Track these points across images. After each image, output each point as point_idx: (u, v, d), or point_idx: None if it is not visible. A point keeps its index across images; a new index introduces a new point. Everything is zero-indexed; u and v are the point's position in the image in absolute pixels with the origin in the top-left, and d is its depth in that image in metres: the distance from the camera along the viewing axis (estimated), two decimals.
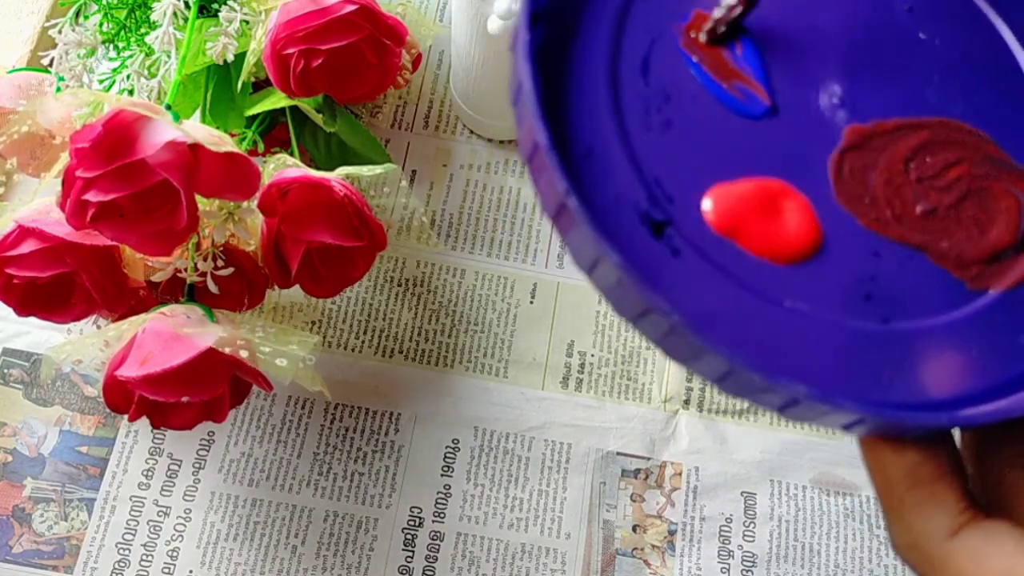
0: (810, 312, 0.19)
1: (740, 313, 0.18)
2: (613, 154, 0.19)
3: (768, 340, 0.18)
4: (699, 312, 0.18)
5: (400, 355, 0.42)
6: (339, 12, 0.33)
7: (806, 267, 0.19)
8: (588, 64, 0.19)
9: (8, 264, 0.31)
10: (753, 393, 0.18)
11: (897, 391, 0.19)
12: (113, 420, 0.40)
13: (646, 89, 0.20)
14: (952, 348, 0.19)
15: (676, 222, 0.19)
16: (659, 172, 0.19)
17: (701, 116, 0.20)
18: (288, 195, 0.33)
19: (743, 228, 0.19)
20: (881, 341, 0.19)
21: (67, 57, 0.34)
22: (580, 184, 0.18)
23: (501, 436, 0.41)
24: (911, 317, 0.19)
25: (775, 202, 0.19)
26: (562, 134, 0.18)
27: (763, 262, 0.19)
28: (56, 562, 0.37)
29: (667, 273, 0.18)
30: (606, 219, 0.18)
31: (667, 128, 0.19)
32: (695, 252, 0.18)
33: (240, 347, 0.30)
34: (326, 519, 0.39)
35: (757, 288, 0.19)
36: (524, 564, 0.39)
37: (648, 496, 0.40)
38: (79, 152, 0.27)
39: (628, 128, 0.19)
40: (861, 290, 0.19)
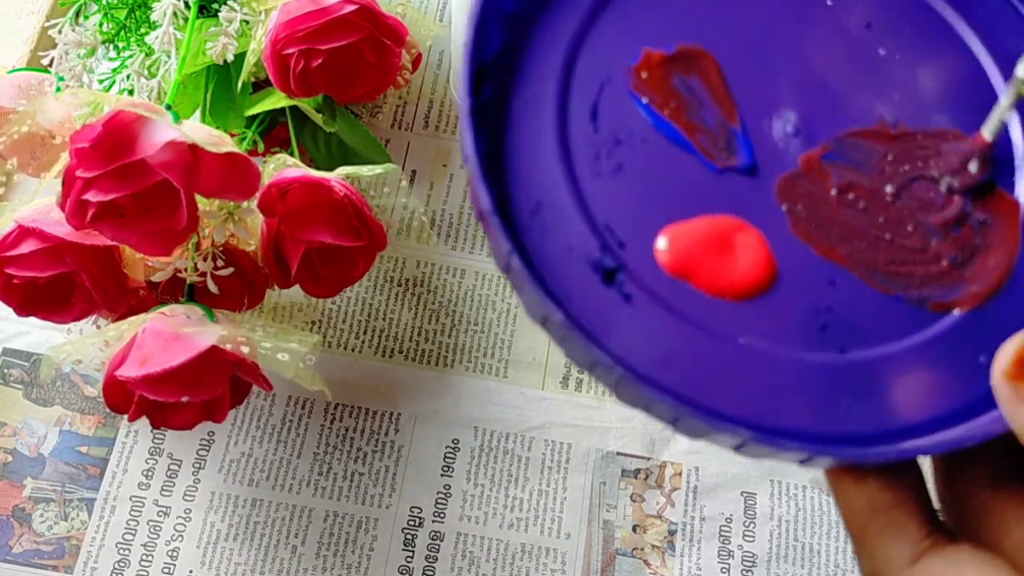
0: (765, 347, 0.19)
1: (693, 354, 0.18)
2: (563, 205, 0.19)
3: (722, 380, 0.18)
4: (650, 357, 0.18)
5: (400, 355, 0.42)
6: (339, 12, 0.33)
7: (761, 302, 0.19)
8: (537, 115, 0.19)
9: (8, 264, 0.31)
10: (705, 435, 0.18)
11: (855, 421, 0.18)
12: (113, 420, 0.40)
13: (595, 136, 0.20)
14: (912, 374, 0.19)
15: (628, 267, 0.19)
16: (610, 217, 0.19)
17: (652, 157, 0.20)
18: (288, 195, 0.33)
19: (696, 267, 0.19)
20: (838, 372, 0.19)
21: (67, 57, 0.34)
22: (529, 239, 0.18)
23: (501, 436, 0.41)
24: (869, 345, 0.19)
25: (728, 238, 0.19)
26: (510, 190, 0.19)
27: (717, 300, 0.19)
28: (56, 562, 0.37)
29: (618, 320, 0.18)
30: (557, 271, 0.18)
31: (618, 172, 0.19)
32: (647, 296, 0.19)
33: (240, 343, 0.30)
34: (326, 519, 0.39)
35: (711, 327, 0.19)
36: (524, 564, 0.39)
37: (648, 496, 0.40)
38: (79, 152, 0.27)
39: (578, 176, 0.19)
40: (817, 321, 0.19)
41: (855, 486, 0.19)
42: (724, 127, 0.20)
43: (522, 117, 0.19)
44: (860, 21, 0.22)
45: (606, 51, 0.20)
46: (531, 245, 0.18)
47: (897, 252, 0.20)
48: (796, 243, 0.20)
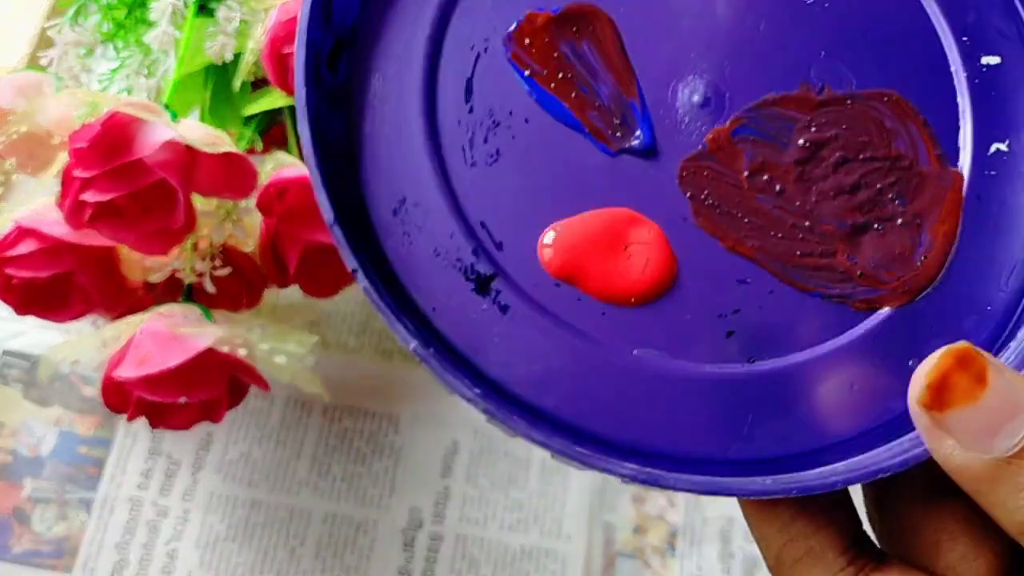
0: (662, 361, 0.16)
1: (579, 372, 0.16)
2: (431, 201, 0.16)
3: (614, 400, 0.16)
4: (530, 375, 0.16)
5: (400, 356, 0.42)
6: None
7: (658, 307, 0.17)
8: (402, 95, 0.17)
9: (7, 264, 0.31)
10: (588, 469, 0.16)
11: (765, 442, 0.16)
12: (112, 420, 0.40)
13: (470, 116, 0.17)
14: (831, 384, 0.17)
15: (506, 272, 0.16)
16: (486, 214, 0.16)
17: (536, 140, 0.17)
18: (286, 195, 0.33)
19: (584, 269, 0.16)
20: (745, 385, 0.17)
21: (66, 57, 0.34)
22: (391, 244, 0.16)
23: (501, 437, 0.41)
24: (782, 352, 0.17)
25: (621, 235, 0.17)
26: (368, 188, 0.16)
27: (608, 307, 0.16)
28: (55, 562, 0.37)
29: (493, 334, 0.16)
30: (423, 280, 0.16)
31: (496, 160, 0.17)
32: (527, 305, 0.16)
33: (238, 346, 0.30)
34: (325, 520, 0.39)
35: (600, 339, 0.16)
36: (524, 566, 0.39)
37: (649, 498, 0.40)
38: (77, 152, 0.27)
39: (448, 167, 0.17)
40: (722, 326, 0.17)
41: (766, 513, 0.18)
42: (619, 101, 0.17)
43: (384, 97, 0.17)
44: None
45: (482, 14, 0.17)
46: (393, 251, 0.16)
47: (816, 243, 0.17)
48: (700, 236, 0.17)
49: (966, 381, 0.14)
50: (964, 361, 0.15)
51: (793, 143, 0.18)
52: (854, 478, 0.16)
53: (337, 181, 0.15)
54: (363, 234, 0.15)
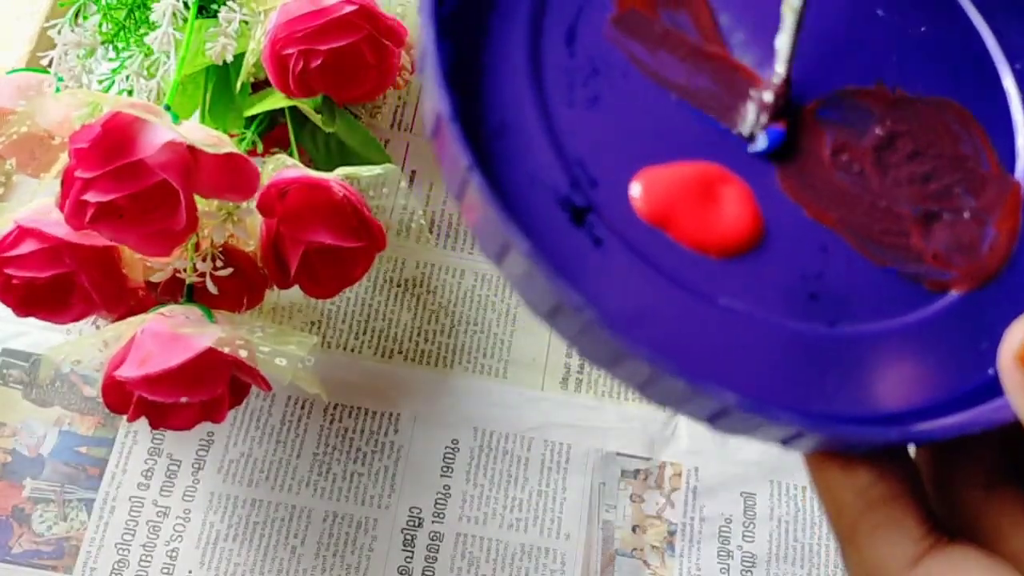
0: (747, 312, 0.17)
1: (668, 311, 0.16)
2: (531, 131, 0.17)
3: (698, 342, 0.16)
4: (620, 310, 0.16)
5: (400, 355, 0.42)
6: (338, 12, 0.33)
7: (745, 261, 0.17)
8: (507, 30, 0.17)
9: (7, 264, 0.31)
10: (679, 402, 0.16)
11: (843, 402, 0.17)
12: (112, 420, 0.40)
13: (571, 61, 0.17)
14: (906, 355, 0.17)
15: (599, 209, 0.16)
16: (583, 152, 0.17)
17: (633, 92, 0.17)
18: (287, 196, 0.33)
19: (675, 217, 0.17)
20: (827, 346, 0.17)
21: (66, 58, 0.34)
22: (489, 162, 0.16)
23: (501, 436, 0.41)
24: (861, 320, 0.17)
25: (712, 189, 0.17)
26: (471, 107, 0.16)
27: (697, 255, 0.17)
28: (55, 562, 0.37)
29: (586, 265, 0.16)
30: (518, 202, 0.16)
31: (593, 105, 0.17)
32: (620, 242, 0.16)
33: (239, 347, 0.30)
34: (325, 519, 0.39)
35: (688, 284, 0.16)
36: (523, 564, 0.39)
37: (648, 497, 0.40)
38: (78, 152, 0.27)
39: (549, 103, 0.17)
40: (806, 288, 0.17)
41: (844, 475, 0.17)
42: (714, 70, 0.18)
43: (490, 30, 0.17)
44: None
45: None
46: (491, 169, 0.16)
47: (892, 222, 0.18)
48: (786, 202, 0.18)
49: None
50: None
51: (871, 131, 0.19)
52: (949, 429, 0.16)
53: None
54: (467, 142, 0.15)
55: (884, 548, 0.17)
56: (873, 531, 0.17)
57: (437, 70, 0.15)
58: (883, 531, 0.17)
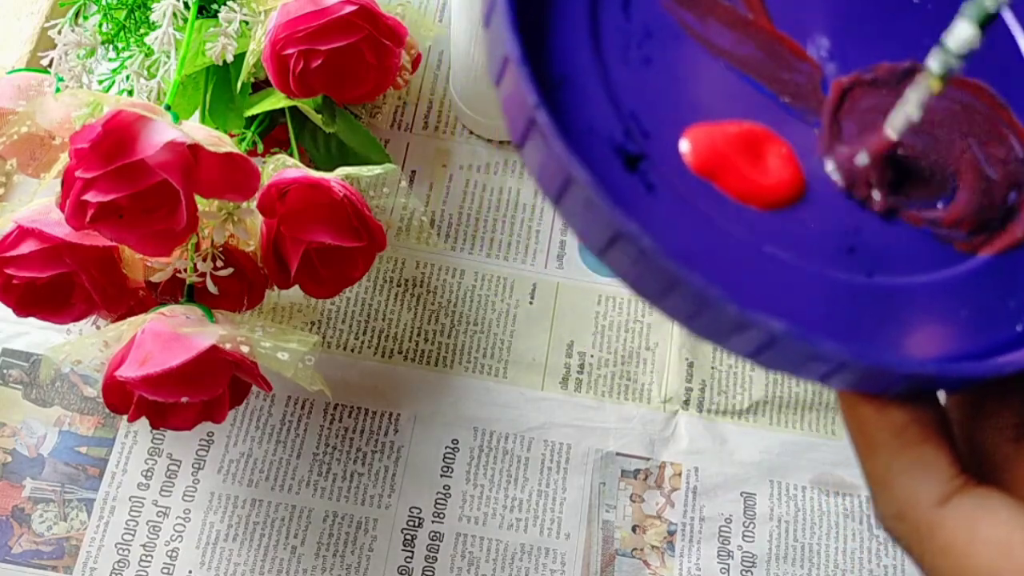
0: (790, 259, 0.18)
1: (715, 254, 0.17)
2: (589, 84, 0.18)
3: (744, 282, 0.17)
4: (671, 248, 0.17)
5: (400, 355, 0.42)
6: (339, 12, 0.33)
7: (788, 214, 0.18)
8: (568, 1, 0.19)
9: (8, 264, 0.31)
10: (727, 333, 0.16)
11: (880, 345, 0.17)
12: (112, 420, 0.40)
13: (627, 24, 0.19)
14: (938, 309, 0.18)
15: (652, 157, 0.18)
16: (636, 106, 0.18)
17: (683, 55, 0.19)
18: (287, 195, 0.33)
19: (722, 170, 0.18)
20: (864, 294, 0.18)
21: (67, 58, 0.34)
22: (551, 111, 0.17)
23: (501, 436, 0.41)
24: (896, 273, 0.18)
25: (757, 147, 0.18)
26: (534, 57, 0.17)
27: (742, 206, 0.18)
28: (55, 562, 0.37)
29: (640, 207, 0.17)
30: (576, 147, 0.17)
31: (647, 64, 0.19)
32: (670, 189, 0.17)
33: (240, 343, 0.30)
34: (325, 519, 0.39)
35: (734, 231, 0.18)
36: (523, 564, 0.39)
37: (648, 496, 0.40)
38: (78, 152, 0.27)
39: (606, 60, 0.18)
40: (844, 242, 0.18)
41: (877, 415, 0.18)
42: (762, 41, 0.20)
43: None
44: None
45: None
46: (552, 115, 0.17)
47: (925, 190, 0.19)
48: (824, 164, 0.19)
49: None
50: None
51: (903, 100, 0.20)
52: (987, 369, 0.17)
53: None
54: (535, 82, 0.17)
55: (915, 486, 0.17)
56: (905, 470, 0.17)
57: (507, 16, 0.16)
58: (914, 471, 0.17)
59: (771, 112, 0.19)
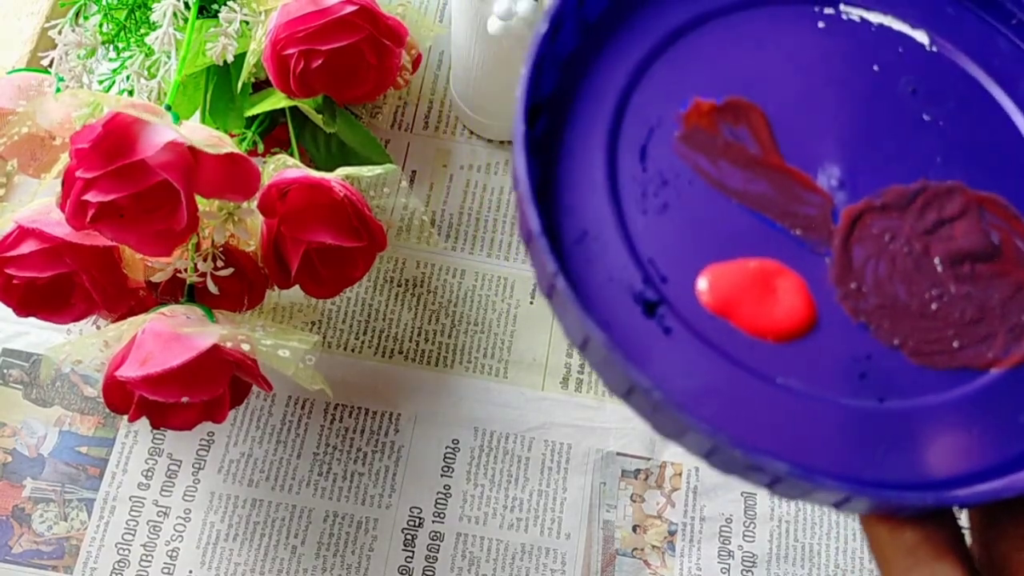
0: (803, 390, 0.19)
1: (730, 390, 0.18)
2: (608, 237, 0.19)
3: (758, 417, 0.18)
4: (687, 389, 0.18)
5: (400, 355, 0.42)
6: (339, 13, 0.33)
7: (800, 345, 0.19)
8: (587, 151, 0.20)
9: (8, 264, 0.31)
10: (740, 470, 0.18)
11: (891, 470, 0.18)
12: (113, 420, 0.40)
13: (644, 175, 0.20)
14: (950, 428, 0.19)
15: (669, 301, 0.19)
16: (654, 253, 0.19)
17: (698, 199, 0.20)
18: (288, 196, 0.33)
19: (737, 307, 0.19)
20: (876, 420, 0.19)
21: (67, 58, 0.34)
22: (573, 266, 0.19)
23: (501, 436, 0.41)
24: (907, 396, 0.19)
25: (769, 281, 0.19)
26: (557, 218, 0.19)
27: (756, 340, 0.19)
28: (56, 562, 0.37)
29: (657, 351, 0.18)
30: (598, 299, 0.19)
31: (663, 211, 0.20)
32: (687, 330, 0.19)
33: (241, 341, 0.30)
34: (326, 519, 0.39)
35: (749, 365, 0.19)
36: (524, 564, 0.39)
37: (648, 496, 0.40)
38: (79, 153, 0.27)
39: (624, 211, 0.20)
40: (856, 368, 0.19)
41: (891, 535, 0.19)
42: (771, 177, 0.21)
43: (573, 152, 0.20)
44: (906, 87, 0.22)
45: (657, 97, 0.21)
46: (574, 271, 0.19)
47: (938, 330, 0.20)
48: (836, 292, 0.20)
49: None
50: None
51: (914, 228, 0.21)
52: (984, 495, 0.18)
53: None
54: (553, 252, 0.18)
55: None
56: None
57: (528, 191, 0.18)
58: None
59: (783, 246, 0.20)
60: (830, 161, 0.21)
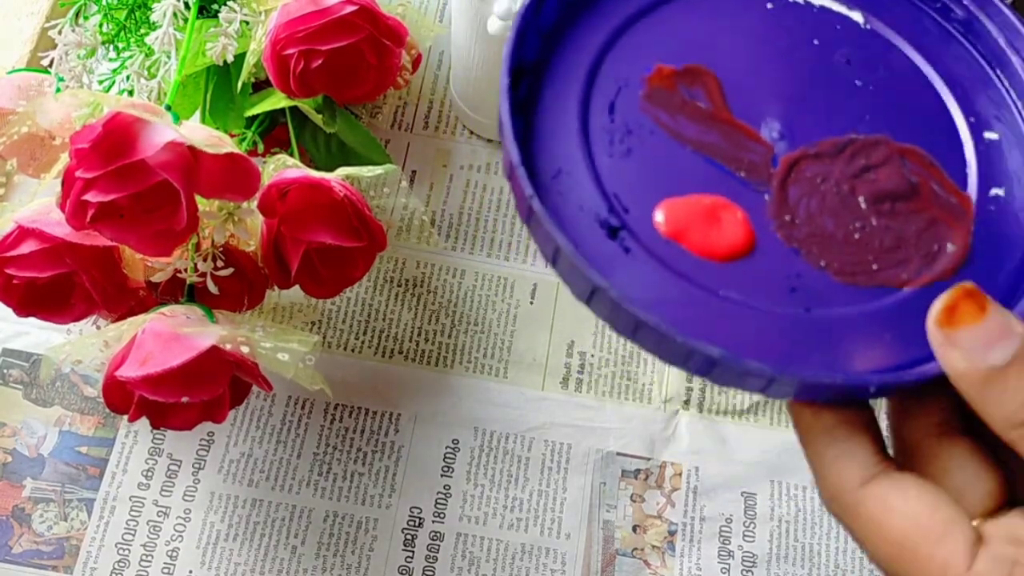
0: (741, 300, 0.22)
1: (680, 299, 0.22)
2: (579, 173, 0.23)
3: (702, 319, 0.21)
4: (643, 298, 0.21)
5: (400, 355, 0.42)
6: (339, 13, 0.33)
7: (740, 265, 0.22)
8: (564, 106, 0.24)
9: (8, 264, 0.31)
10: (681, 359, 0.21)
11: (815, 366, 0.21)
12: (113, 420, 0.40)
13: (612, 125, 0.24)
14: (866, 334, 0.22)
15: (630, 227, 0.22)
16: (618, 188, 0.23)
17: (658, 146, 0.24)
18: (288, 195, 0.33)
19: (687, 232, 0.22)
20: (802, 325, 0.22)
21: (67, 58, 0.34)
22: (548, 196, 0.22)
23: (501, 436, 0.41)
24: (831, 307, 0.22)
25: (716, 213, 0.23)
26: (536, 157, 0.23)
27: (703, 260, 0.22)
28: (56, 562, 0.37)
29: (618, 266, 0.22)
30: (569, 223, 0.22)
31: (628, 155, 0.23)
32: (644, 250, 0.22)
33: (240, 343, 0.30)
34: (326, 519, 0.39)
35: (696, 280, 0.22)
36: (524, 564, 0.39)
37: (648, 496, 0.40)
38: (79, 153, 0.27)
39: (594, 154, 0.23)
40: (787, 284, 0.22)
41: (813, 418, 0.22)
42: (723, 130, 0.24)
43: (551, 107, 0.23)
44: (841, 58, 0.26)
45: (625, 62, 0.25)
46: (549, 201, 0.22)
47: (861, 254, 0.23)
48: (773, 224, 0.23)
49: (971, 307, 0.20)
50: (971, 294, 0.20)
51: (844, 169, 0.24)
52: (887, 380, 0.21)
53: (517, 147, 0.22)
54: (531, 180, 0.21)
55: (843, 472, 0.21)
56: (835, 459, 0.21)
57: (510, 131, 0.22)
58: (842, 459, 0.21)
59: (730, 185, 0.23)
60: (772, 117, 0.24)
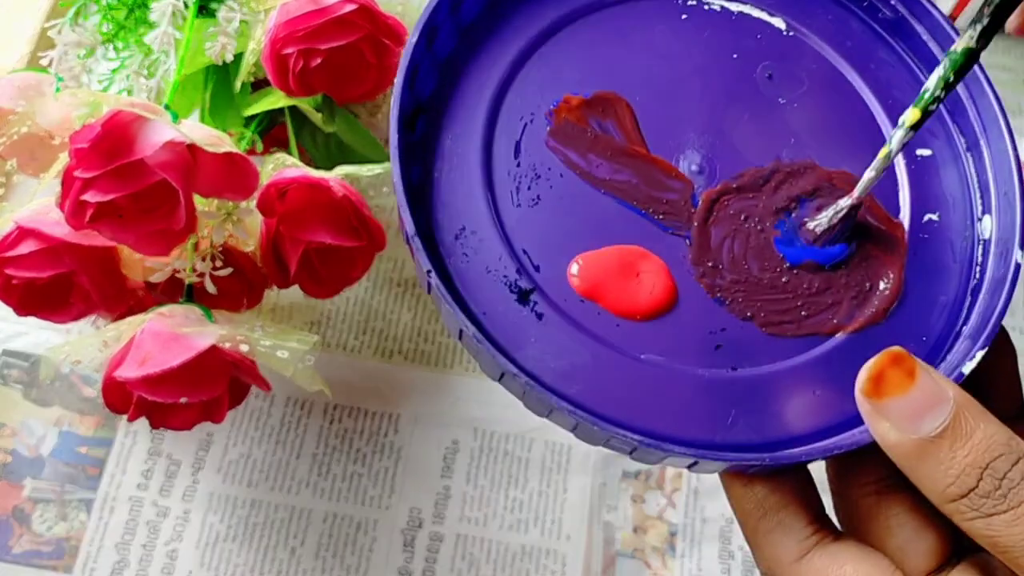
0: (664, 363, 0.20)
1: (597, 368, 0.20)
2: (485, 231, 0.21)
3: (621, 392, 0.20)
4: (556, 370, 0.20)
5: (399, 356, 0.42)
6: (338, 12, 0.33)
7: (662, 322, 0.21)
8: (465, 149, 0.21)
9: (7, 264, 0.31)
10: (602, 441, 0.19)
11: (740, 432, 0.20)
12: (112, 420, 0.40)
13: (518, 169, 0.22)
14: (794, 390, 0.21)
15: (541, 288, 0.21)
16: (527, 244, 0.21)
17: (568, 191, 0.22)
18: (287, 195, 0.33)
19: (604, 291, 0.21)
20: (728, 387, 0.20)
21: (66, 57, 0.34)
22: (452, 261, 0.20)
23: (501, 437, 0.41)
24: (758, 364, 0.21)
25: (634, 265, 0.21)
26: (436, 216, 0.21)
27: (623, 320, 0.21)
28: (55, 562, 0.37)
29: (530, 336, 0.20)
30: (476, 289, 0.20)
31: (536, 203, 0.21)
32: (558, 315, 0.20)
33: (240, 342, 0.30)
34: (325, 520, 0.39)
35: (615, 344, 0.20)
36: (524, 565, 0.39)
37: (649, 497, 0.40)
38: (78, 152, 0.27)
39: (499, 205, 0.21)
40: (712, 341, 0.21)
41: (744, 490, 0.21)
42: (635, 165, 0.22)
43: (452, 150, 0.21)
44: (763, 72, 0.24)
45: (530, 94, 0.22)
46: (453, 266, 0.20)
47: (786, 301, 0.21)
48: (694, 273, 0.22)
49: (899, 375, 0.18)
50: (897, 360, 0.19)
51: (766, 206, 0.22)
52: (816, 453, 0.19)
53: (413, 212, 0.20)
54: (431, 252, 0.20)
55: (777, 546, 0.20)
56: (768, 533, 0.20)
57: (402, 197, 0.19)
58: (775, 533, 0.20)
59: (647, 231, 0.22)
60: (691, 148, 0.22)
